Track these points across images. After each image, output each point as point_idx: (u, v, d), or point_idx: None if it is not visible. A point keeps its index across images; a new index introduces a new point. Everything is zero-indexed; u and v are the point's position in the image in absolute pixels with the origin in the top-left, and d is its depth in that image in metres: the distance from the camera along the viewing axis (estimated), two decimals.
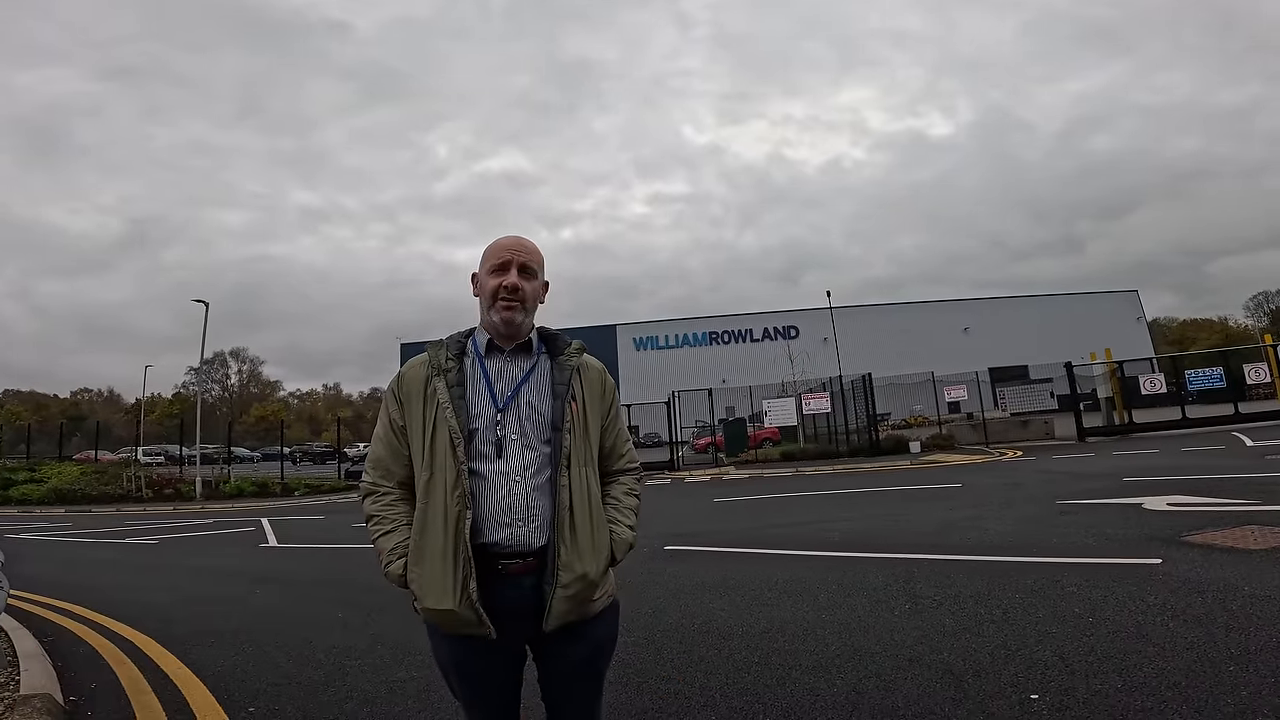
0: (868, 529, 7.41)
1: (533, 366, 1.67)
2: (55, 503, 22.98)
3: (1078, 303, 53.86)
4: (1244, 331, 67.13)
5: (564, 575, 1.54)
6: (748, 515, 9.73)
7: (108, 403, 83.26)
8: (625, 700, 3.12)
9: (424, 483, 1.58)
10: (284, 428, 35.70)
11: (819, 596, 4.70)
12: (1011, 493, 9.39)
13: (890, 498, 10.31)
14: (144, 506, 21.80)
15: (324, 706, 3.36)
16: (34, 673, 3.80)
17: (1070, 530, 6.22)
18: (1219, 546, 5.03)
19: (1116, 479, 9.63)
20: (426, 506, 1.57)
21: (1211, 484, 8.22)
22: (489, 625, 1.52)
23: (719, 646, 3.81)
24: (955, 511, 8.04)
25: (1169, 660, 3.02)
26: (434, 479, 1.56)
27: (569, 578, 1.54)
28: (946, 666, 3.22)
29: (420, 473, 1.60)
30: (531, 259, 1.66)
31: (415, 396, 1.63)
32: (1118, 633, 3.45)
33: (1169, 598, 3.93)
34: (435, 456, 1.57)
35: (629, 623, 4.15)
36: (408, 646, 4.18)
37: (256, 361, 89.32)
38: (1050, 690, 2.84)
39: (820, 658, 3.49)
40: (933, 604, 4.28)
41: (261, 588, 6.75)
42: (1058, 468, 12.50)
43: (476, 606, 1.50)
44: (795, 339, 50.16)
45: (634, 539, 1.72)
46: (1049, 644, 3.38)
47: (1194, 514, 6.40)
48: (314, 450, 45.14)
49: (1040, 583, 4.53)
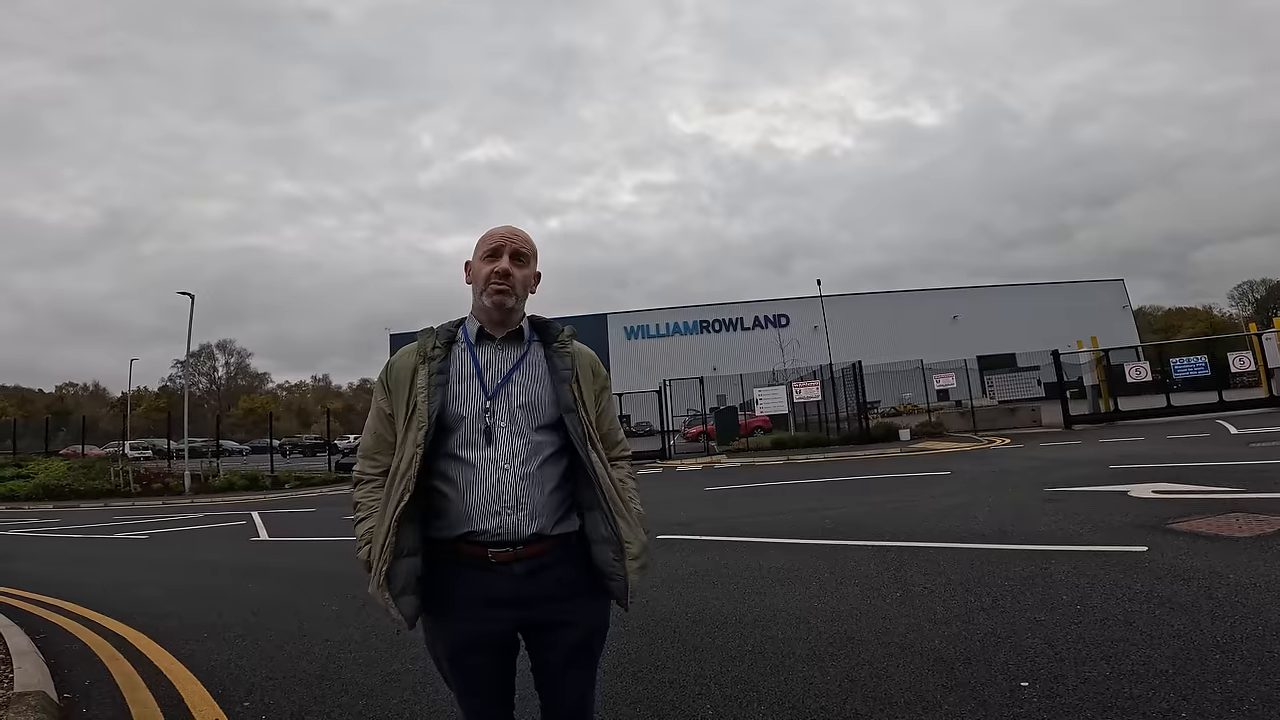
0: (859, 516, 7.47)
1: (524, 355, 1.68)
2: (43, 498, 22.80)
3: (1065, 291, 54.31)
4: (1228, 320, 67.84)
5: (632, 548, 1.62)
6: (739, 503, 9.78)
7: (93, 397, 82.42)
8: (620, 689, 3.14)
9: (392, 468, 1.62)
10: (273, 420, 35.55)
11: (811, 584, 4.74)
12: (1000, 480, 9.49)
13: (881, 485, 10.39)
14: (132, 501, 21.65)
15: (320, 699, 3.37)
16: (27, 670, 3.78)
17: (1058, 518, 6.30)
18: (1204, 534, 5.11)
19: (1103, 466, 9.74)
20: (386, 492, 1.60)
21: (1196, 471, 8.33)
22: (399, 617, 1.54)
23: (712, 635, 3.84)
24: (945, 499, 8.11)
25: (1156, 648, 3.07)
26: (399, 464, 1.59)
27: (636, 549, 1.63)
28: (938, 654, 3.26)
29: (395, 458, 1.63)
30: (524, 247, 1.69)
31: (402, 384, 1.64)
32: (1105, 620, 3.50)
33: (1155, 585, 3.99)
34: (406, 442, 1.59)
35: (622, 612, 4.18)
36: (402, 639, 4.19)
37: (244, 354, 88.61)
38: (1040, 678, 2.88)
39: (813, 646, 3.53)
40: (924, 592, 4.33)
41: (253, 581, 6.73)
42: (1045, 455, 12.63)
43: (385, 594, 1.54)
44: (786, 327, 50.40)
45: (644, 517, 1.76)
46: (1038, 631, 3.43)
47: (1179, 501, 6.49)
48: (304, 443, 44.95)
49: (1029, 570, 4.58)
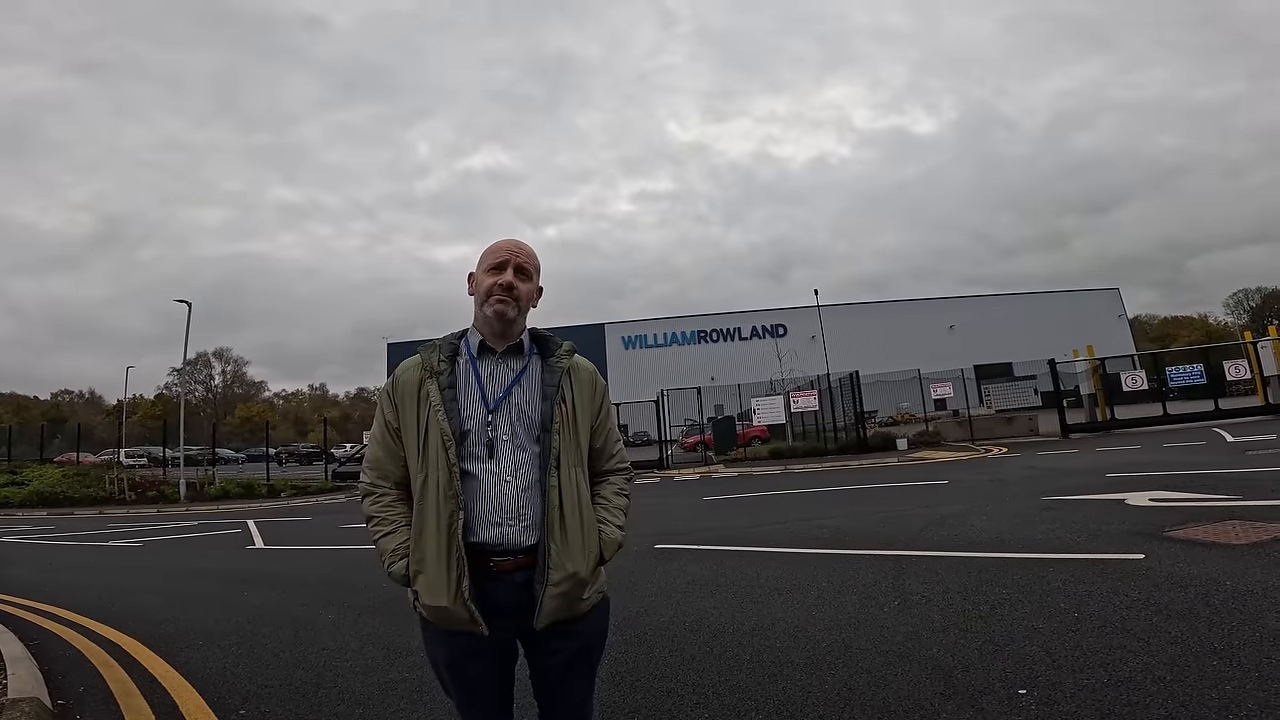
0: (856, 526, 7.46)
1: (524, 368, 1.70)
2: (37, 505, 22.66)
3: (1060, 300, 54.48)
4: (1224, 329, 68.15)
5: (554, 574, 1.58)
6: (737, 513, 9.77)
7: (89, 404, 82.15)
8: (618, 699, 3.13)
9: (419, 484, 1.62)
10: (269, 428, 35.43)
11: (809, 593, 4.74)
12: (997, 489, 9.49)
13: (878, 494, 10.38)
14: (127, 509, 21.54)
15: (316, 708, 3.35)
16: (21, 676, 3.76)
17: (1055, 526, 6.30)
18: (1201, 541, 5.12)
19: (1100, 475, 9.75)
20: (423, 508, 1.60)
21: (1193, 479, 8.34)
22: (481, 623, 1.56)
23: (710, 644, 3.83)
24: (942, 508, 8.11)
25: (1153, 655, 3.07)
26: (428, 480, 1.60)
27: (559, 576, 1.58)
28: (936, 662, 3.26)
29: (415, 474, 1.64)
30: (528, 261, 1.71)
31: (409, 399, 1.66)
32: (1103, 628, 3.50)
33: (1152, 593, 3.99)
34: (429, 458, 1.61)
35: (621, 621, 4.16)
36: (400, 647, 4.17)
37: (240, 362, 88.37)
38: (1038, 685, 2.88)
39: (811, 655, 3.52)
40: (921, 600, 4.32)
41: (249, 589, 6.70)
42: (1042, 464, 12.64)
43: (469, 604, 1.54)
44: (783, 337, 50.45)
45: (623, 539, 1.74)
46: (1036, 639, 3.43)
47: (1176, 509, 6.50)
48: (300, 451, 44.73)
49: (1026, 578, 4.59)
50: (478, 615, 1.55)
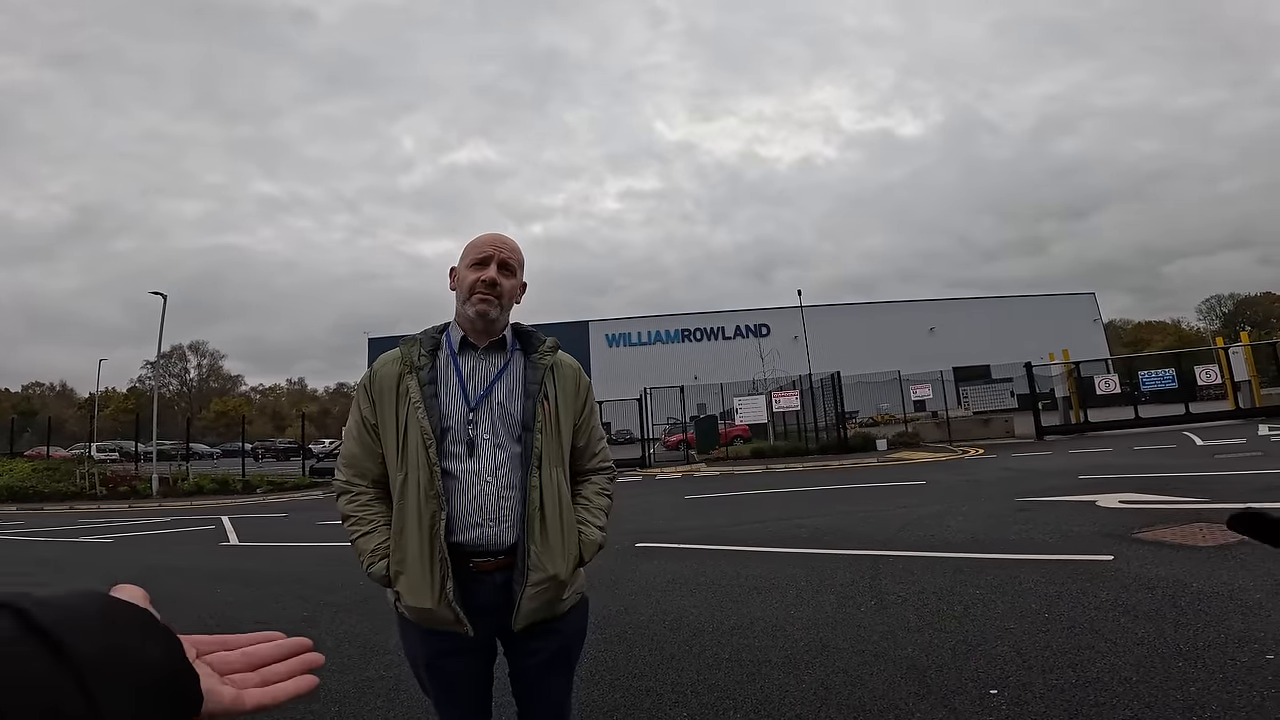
0: (835, 525, 7.53)
1: (506, 364, 1.66)
2: (6, 500, 22.14)
3: (1038, 304, 55.33)
4: (1196, 334, 69.54)
5: (533, 575, 1.56)
6: (718, 512, 9.80)
7: (60, 397, 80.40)
8: (597, 697, 3.14)
9: (399, 483, 1.58)
10: (245, 423, 34.96)
11: (788, 593, 4.77)
12: (973, 490, 9.62)
13: (857, 495, 10.47)
14: (98, 504, 21.12)
15: (290, 707, 3.31)
16: None
17: (1028, 527, 6.41)
18: (1169, 543, 5.23)
19: (1072, 477, 9.92)
20: (403, 508, 1.57)
21: (1162, 482, 8.51)
22: (467, 624, 1.54)
23: (690, 643, 3.85)
24: (919, 508, 8.21)
25: (1121, 656, 3.14)
26: (408, 480, 1.56)
27: (538, 577, 1.56)
28: (910, 662, 3.30)
29: (395, 472, 1.60)
30: (512, 257, 1.67)
31: (388, 394, 1.61)
32: (1072, 629, 3.57)
33: (1121, 594, 4.07)
34: (408, 457, 1.57)
35: (600, 620, 4.17)
36: (375, 645, 4.15)
37: (217, 355, 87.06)
38: (1009, 685, 2.93)
39: (789, 654, 3.55)
40: (897, 600, 4.38)
41: (222, 586, 6.61)
42: (1017, 465, 12.84)
43: (454, 605, 1.52)
44: (766, 337, 50.73)
45: (603, 539, 1.72)
46: (1007, 640, 3.49)
47: (1145, 511, 6.63)
48: (278, 446, 44.20)
49: (999, 579, 4.66)
50: (463, 616, 1.53)
